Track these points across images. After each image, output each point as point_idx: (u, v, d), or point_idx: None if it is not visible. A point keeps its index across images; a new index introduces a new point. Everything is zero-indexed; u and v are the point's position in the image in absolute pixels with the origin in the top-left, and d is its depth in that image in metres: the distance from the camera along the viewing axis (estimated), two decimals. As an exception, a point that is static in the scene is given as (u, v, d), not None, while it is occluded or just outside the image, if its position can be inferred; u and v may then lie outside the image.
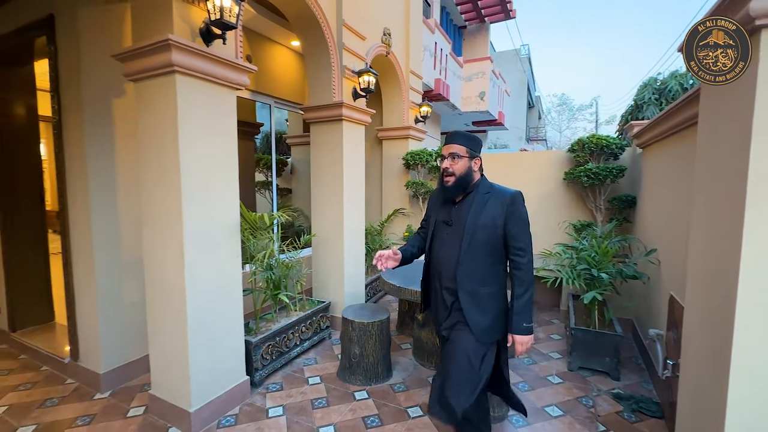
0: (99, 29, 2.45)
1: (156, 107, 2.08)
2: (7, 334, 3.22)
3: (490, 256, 1.60)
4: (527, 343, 1.57)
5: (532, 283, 1.56)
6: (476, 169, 1.65)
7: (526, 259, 1.56)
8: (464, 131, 1.67)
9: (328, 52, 3.31)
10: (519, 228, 1.57)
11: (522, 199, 1.60)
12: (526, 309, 1.55)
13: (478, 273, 1.60)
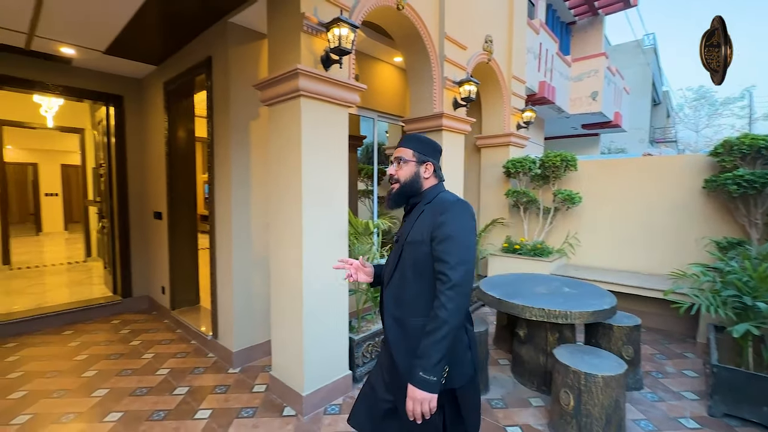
0: (242, 66, 2.95)
1: (284, 126, 2.43)
2: (168, 311, 4.04)
3: (421, 280, 1.28)
4: (422, 401, 1.15)
5: (448, 323, 1.15)
6: (426, 176, 1.38)
7: (446, 288, 1.18)
8: (417, 134, 1.44)
9: (430, 66, 3.41)
10: (445, 246, 1.21)
11: (459, 210, 1.25)
12: (431, 353, 1.15)
13: (407, 299, 1.31)
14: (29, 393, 2.64)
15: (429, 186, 1.39)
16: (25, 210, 10.70)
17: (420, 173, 1.37)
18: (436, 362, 1.14)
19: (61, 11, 2.67)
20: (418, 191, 1.38)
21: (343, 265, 1.54)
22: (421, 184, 1.38)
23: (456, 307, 1.16)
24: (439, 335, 1.15)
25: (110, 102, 4.24)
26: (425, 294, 1.28)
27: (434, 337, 1.15)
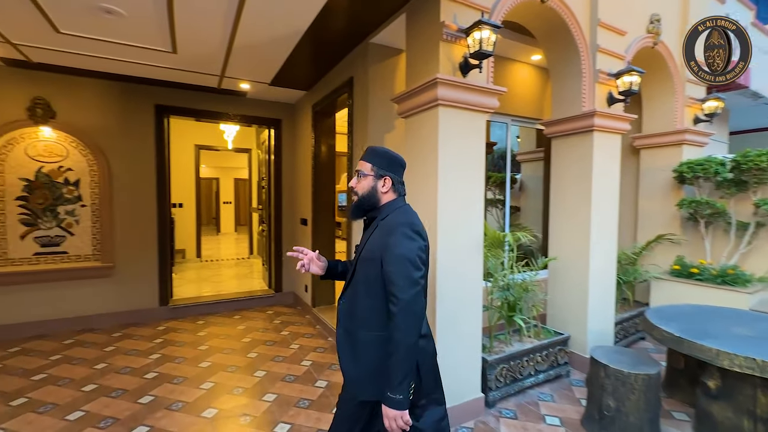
0: (379, 82, 3.11)
1: (420, 137, 2.44)
2: (310, 308, 4.52)
3: (371, 296, 1.32)
4: (394, 418, 1.22)
5: (402, 345, 1.21)
6: (384, 190, 1.40)
7: (397, 309, 1.22)
8: (378, 147, 1.46)
9: (579, 59, 3.01)
10: (394, 268, 1.25)
11: (404, 232, 1.27)
12: (394, 375, 1.21)
13: (358, 312, 1.36)
14: (212, 365, 3.25)
15: (387, 200, 1.41)
16: (210, 214, 13.60)
17: (377, 187, 1.40)
18: (400, 382, 1.21)
19: (243, 55, 3.27)
20: (375, 205, 1.41)
21: (297, 254, 1.57)
22: (378, 198, 1.40)
23: (408, 327, 1.22)
24: (399, 356, 1.21)
25: (271, 125, 5.02)
26: (375, 309, 1.31)
27: (395, 358, 1.21)
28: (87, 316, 4.03)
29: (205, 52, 3.20)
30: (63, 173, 3.92)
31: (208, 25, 2.72)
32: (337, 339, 1.42)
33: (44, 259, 3.88)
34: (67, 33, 2.82)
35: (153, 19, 2.63)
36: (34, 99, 3.76)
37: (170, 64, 3.51)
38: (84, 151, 4.00)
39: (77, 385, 2.87)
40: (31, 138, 3.79)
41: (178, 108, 4.43)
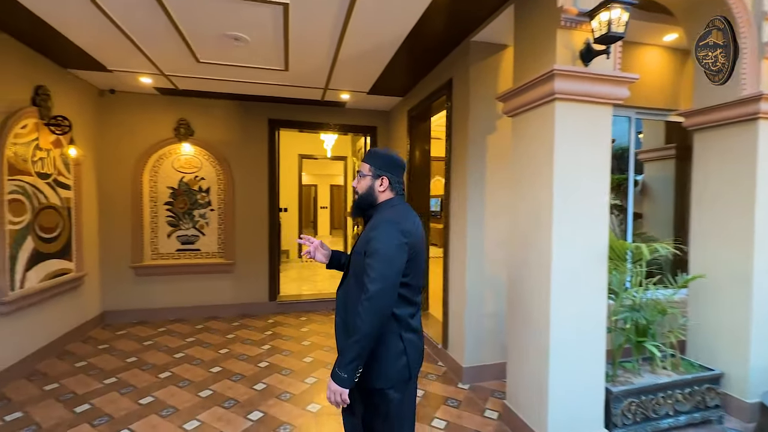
0: (481, 81, 2.96)
1: (532, 136, 2.23)
2: (403, 313, 4.52)
3: (359, 288, 1.32)
4: (333, 392, 1.27)
5: (362, 330, 1.23)
6: (381, 189, 1.46)
7: (365, 297, 1.25)
8: (377, 149, 1.53)
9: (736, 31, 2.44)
10: (370, 260, 1.28)
11: (386, 229, 1.30)
12: (345, 353, 1.27)
13: (350, 302, 1.40)
14: (314, 360, 3.44)
15: (384, 199, 1.46)
16: (308, 218, 14.74)
17: (375, 187, 1.45)
18: (349, 362, 1.25)
19: (346, 67, 3.42)
20: (373, 203, 1.46)
21: (304, 241, 1.66)
22: (375, 197, 1.46)
23: (370, 317, 1.24)
24: (353, 340, 1.25)
25: (367, 133, 5.20)
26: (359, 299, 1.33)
27: (351, 340, 1.26)
28: (213, 305, 4.64)
29: (313, 67, 3.43)
30: (198, 182, 4.60)
31: (317, 41, 2.90)
32: (335, 328, 1.49)
33: (183, 255, 4.58)
34: (205, 61, 3.29)
35: (271, 42, 2.90)
36: (178, 120, 4.49)
37: (282, 81, 3.85)
38: (213, 162, 4.64)
39: (206, 366, 3.29)
40: (175, 153, 4.53)
41: (286, 121, 4.86)
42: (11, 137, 2.91)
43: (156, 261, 4.48)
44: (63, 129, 3.41)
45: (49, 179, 3.38)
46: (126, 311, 4.42)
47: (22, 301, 2.99)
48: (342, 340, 1.42)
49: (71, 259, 3.69)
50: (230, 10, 2.45)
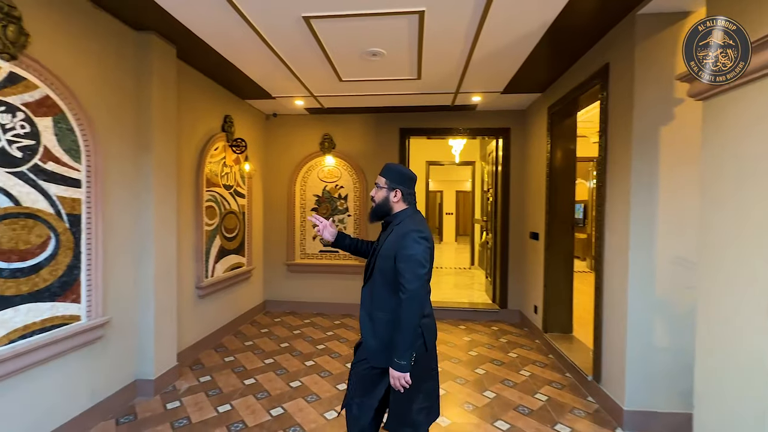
0: (649, 62, 2.42)
1: (744, 126, 1.68)
2: (539, 332, 4.05)
3: (387, 286, 1.65)
4: (398, 378, 1.54)
5: (406, 324, 1.52)
6: (395, 200, 1.72)
7: (405, 297, 1.53)
8: (393, 164, 1.77)
9: None
10: (404, 265, 1.56)
11: (414, 237, 1.58)
12: (399, 345, 1.53)
13: (377, 297, 1.67)
14: (442, 371, 3.34)
15: (399, 209, 1.74)
16: (434, 224, 14.83)
17: (389, 198, 1.73)
18: (405, 351, 1.53)
19: (479, 68, 3.27)
20: (389, 212, 1.75)
21: (315, 220, 1.92)
22: (390, 206, 1.74)
23: (412, 310, 1.52)
24: (405, 332, 1.52)
25: (499, 135, 4.89)
26: (388, 295, 1.64)
27: (402, 334, 1.53)
28: (348, 303, 5.02)
29: (444, 71, 3.39)
30: (338, 190, 5.07)
31: (450, 44, 2.84)
32: (360, 319, 1.74)
33: (325, 256, 5.10)
34: (346, 80, 3.59)
35: (406, 52, 2.97)
36: (323, 135, 5.04)
37: (414, 90, 3.93)
38: (351, 172, 5.04)
39: (343, 360, 3.55)
40: (320, 165, 5.10)
41: (416, 129, 4.96)
42: (208, 157, 3.71)
43: (303, 260, 5.11)
44: (241, 149, 4.19)
45: (231, 190, 4.19)
46: (281, 301, 5.15)
47: (211, 287, 3.77)
48: (367, 330, 1.70)
49: (244, 255, 4.49)
50: (370, 28, 2.59)
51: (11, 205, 1.94)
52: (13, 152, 1.95)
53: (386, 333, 1.63)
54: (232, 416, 2.60)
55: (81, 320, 2.33)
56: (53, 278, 2.17)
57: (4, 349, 1.90)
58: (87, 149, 2.36)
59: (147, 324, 2.83)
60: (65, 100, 2.22)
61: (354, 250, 2.00)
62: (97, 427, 2.43)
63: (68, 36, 2.27)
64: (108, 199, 2.54)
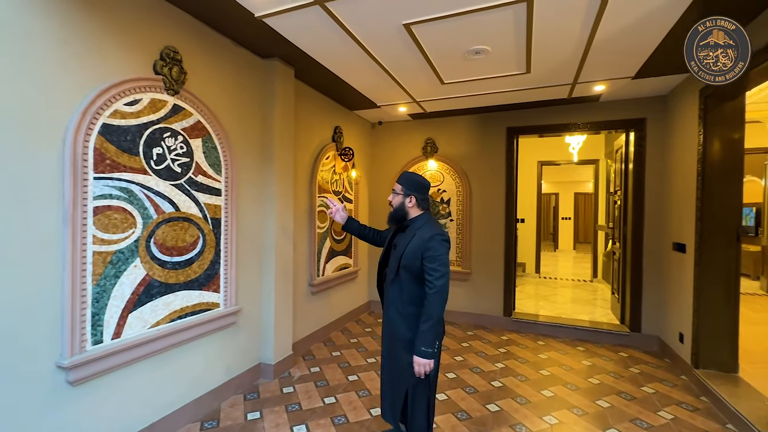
0: None
1: None
2: (687, 366, 3.29)
3: (413, 282, 1.88)
4: (423, 365, 1.77)
5: (433, 316, 1.77)
6: (410, 206, 1.96)
7: (433, 291, 1.77)
8: (408, 173, 2.07)
9: None
10: (431, 265, 1.79)
11: (439, 240, 1.82)
12: (424, 335, 1.77)
13: (407, 293, 1.89)
14: (555, 396, 2.98)
15: (414, 214, 1.98)
16: (546, 230, 13.51)
17: (405, 203, 1.97)
18: (432, 340, 1.78)
19: (603, 51, 2.83)
20: (405, 216, 1.99)
21: (330, 202, 2.43)
22: (406, 211, 1.98)
23: (440, 303, 1.79)
24: (428, 325, 1.77)
25: (631, 127, 4.17)
26: (415, 291, 1.88)
27: (427, 325, 1.77)
28: (450, 311, 4.89)
29: (559, 61, 3.03)
30: (440, 194, 5.00)
31: (566, 29, 2.53)
32: (389, 316, 1.95)
33: (426, 260, 5.08)
34: (449, 82, 3.51)
35: (512, 45, 2.76)
36: (426, 140, 5.04)
37: (522, 86, 3.63)
38: (453, 175, 4.92)
39: (444, 369, 3.45)
40: (423, 169, 5.10)
41: (525, 127, 4.57)
42: (320, 165, 4.05)
43: (406, 263, 5.17)
44: (349, 157, 4.47)
45: (340, 195, 4.50)
46: (384, 303, 5.32)
47: (322, 285, 4.10)
48: (401, 325, 1.91)
49: (351, 256, 4.77)
50: (472, 25, 2.47)
51: (173, 210, 2.42)
52: (175, 168, 2.43)
53: (417, 325, 1.86)
54: (336, 409, 2.75)
55: (220, 307, 2.77)
56: (201, 271, 2.62)
57: (167, 326, 2.37)
58: (225, 163, 2.80)
59: (268, 314, 3.22)
60: (211, 124, 2.68)
61: (361, 234, 2.37)
62: (229, 400, 2.85)
63: (214, 70, 2.74)
64: (240, 205, 2.97)
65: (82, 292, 1.93)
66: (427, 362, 1.77)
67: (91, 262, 1.97)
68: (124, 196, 2.13)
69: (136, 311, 2.21)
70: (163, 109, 2.35)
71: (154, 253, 2.30)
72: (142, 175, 2.22)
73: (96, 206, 1.99)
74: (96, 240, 1.99)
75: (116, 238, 2.09)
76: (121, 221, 2.11)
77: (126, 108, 2.14)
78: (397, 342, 1.92)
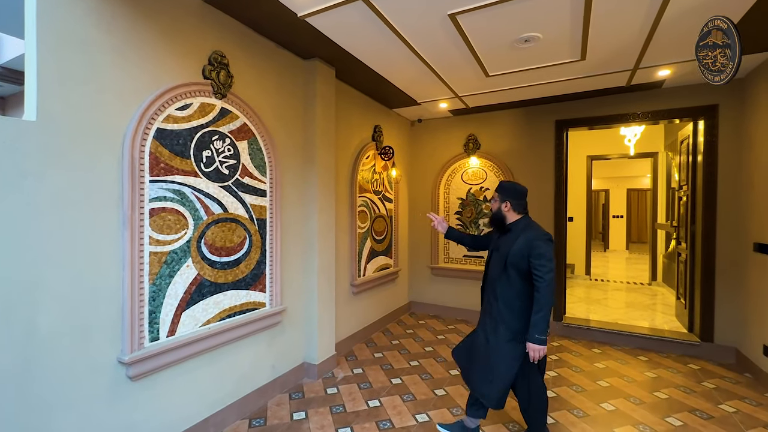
0: None
1: None
2: None
3: (521, 280, 2.06)
4: (538, 350, 1.97)
5: (546, 305, 1.94)
6: (506, 210, 2.17)
7: (543, 284, 1.94)
8: (504, 181, 2.26)
9: None
10: (537, 261, 1.97)
11: (544, 240, 2.00)
12: (539, 323, 1.95)
13: (513, 290, 2.08)
14: (616, 411, 2.73)
15: (511, 218, 2.18)
16: (596, 229, 12.70)
17: (501, 208, 2.19)
18: (544, 329, 1.96)
19: (673, 30, 2.56)
20: (502, 220, 2.20)
21: (431, 216, 2.58)
22: (503, 215, 2.19)
23: (550, 294, 1.95)
24: (542, 314, 1.95)
25: (699, 115, 3.76)
26: (523, 287, 2.06)
27: (540, 314, 1.96)
28: (465, 309, 4.68)
29: (620, 44, 2.78)
30: (482, 192, 4.81)
31: (630, 7, 2.30)
32: (498, 309, 2.13)
33: (469, 261, 4.91)
34: (494, 74, 3.35)
35: (567, 30, 2.56)
36: (468, 136, 4.87)
37: (574, 75, 3.38)
38: (497, 172, 4.72)
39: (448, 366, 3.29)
40: (464, 167, 4.94)
41: (576, 119, 4.28)
42: (360, 165, 4.02)
43: (447, 264, 5.04)
44: (389, 156, 4.41)
45: (380, 195, 4.45)
46: (425, 304, 5.21)
47: (363, 285, 4.07)
48: (508, 315, 2.09)
49: (392, 257, 4.71)
50: (522, 11, 2.32)
51: (222, 211, 2.47)
52: (223, 170, 2.48)
53: (525, 316, 2.06)
54: (381, 413, 2.70)
55: (266, 306, 2.81)
56: (248, 270, 2.67)
57: (217, 324, 2.43)
58: (270, 165, 2.84)
59: (312, 314, 3.23)
60: (256, 126, 2.72)
61: (459, 241, 2.55)
62: (275, 398, 2.89)
63: (258, 73, 2.78)
64: (284, 206, 2.99)
65: (140, 290, 2.01)
66: (541, 348, 1.97)
67: (147, 262, 2.04)
68: (177, 198, 2.20)
69: (189, 310, 2.27)
70: (211, 112, 2.40)
71: (205, 253, 2.36)
72: (193, 178, 2.28)
73: (152, 208, 2.06)
74: (152, 241, 2.07)
75: (170, 239, 2.16)
76: (175, 222, 2.18)
77: (178, 113, 2.20)
78: (503, 333, 2.09)
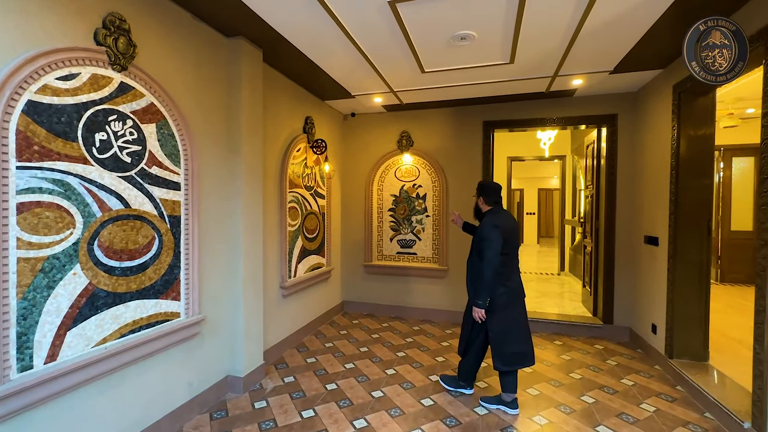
0: None
1: None
2: (661, 357, 3.37)
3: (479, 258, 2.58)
4: (477, 312, 2.57)
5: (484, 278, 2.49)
6: (480, 204, 2.78)
7: (483, 263, 2.50)
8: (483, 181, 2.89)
9: None
10: (481, 244, 2.55)
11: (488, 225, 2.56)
12: (479, 292, 2.54)
13: (475, 267, 2.65)
14: (540, 395, 2.92)
15: (486, 210, 2.74)
16: (512, 225, 13.87)
17: (477, 203, 2.81)
18: (483, 296, 2.53)
19: (588, 43, 2.79)
20: (480, 212, 2.79)
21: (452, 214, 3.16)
22: (479, 208, 2.80)
23: (486, 272, 2.48)
24: (481, 284, 2.52)
25: (603, 123, 4.23)
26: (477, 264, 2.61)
27: (479, 285, 2.53)
28: (427, 308, 4.78)
29: (544, 52, 2.96)
30: (416, 189, 4.85)
31: (557, 16, 2.43)
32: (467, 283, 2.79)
33: (402, 258, 4.92)
34: (430, 70, 3.35)
35: (500, 32, 2.64)
36: (401, 133, 4.86)
37: (503, 77, 3.54)
38: (429, 170, 4.79)
39: (425, 371, 3.31)
40: (397, 164, 4.93)
41: (502, 121, 4.52)
42: (291, 158, 3.75)
43: (381, 261, 4.99)
44: (322, 149, 4.19)
45: (312, 191, 4.22)
46: (358, 303, 5.11)
47: (294, 287, 3.81)
48: (470, 288, 2.71)
49: (324, 255, 4.51)
50: (462, 7, 2.31)
51: (122, 207, 2.06)
52: (124, 158, 2.07)
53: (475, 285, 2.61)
54: (316, 423, 2.52)
55: (180, 317, 2.44)
56: (157, 276, 2.28)
57: (116, 343, 2.02)
58: (185, 153, 2.46)
59: (236, 322, 2.90)
60: (167, 107, 2.33)
61: (471, 231, 3.03)
62: (193, 421, 2.53)
63: (170, 46, 2.38)
64: (202, 201, 2.63)
65: (3, 308, 1.56)
66: (479, 311, 2.56)
67: (14, 271, 1.60)
68: (59, 189, 1.76)
69: (77, 327, 1.85)
70: (107, 87, 1.98)
71: (99, 257, 1.94)
72: (81, 165, 1.85)
73: (20, 202, 1.62)
74: (21, 244, 1.62)
75: (49, 241, 1.72)
76: (55, 220, 1.75)
77: (59, 83, 1.76)
78: (469, 302, 2.74)
